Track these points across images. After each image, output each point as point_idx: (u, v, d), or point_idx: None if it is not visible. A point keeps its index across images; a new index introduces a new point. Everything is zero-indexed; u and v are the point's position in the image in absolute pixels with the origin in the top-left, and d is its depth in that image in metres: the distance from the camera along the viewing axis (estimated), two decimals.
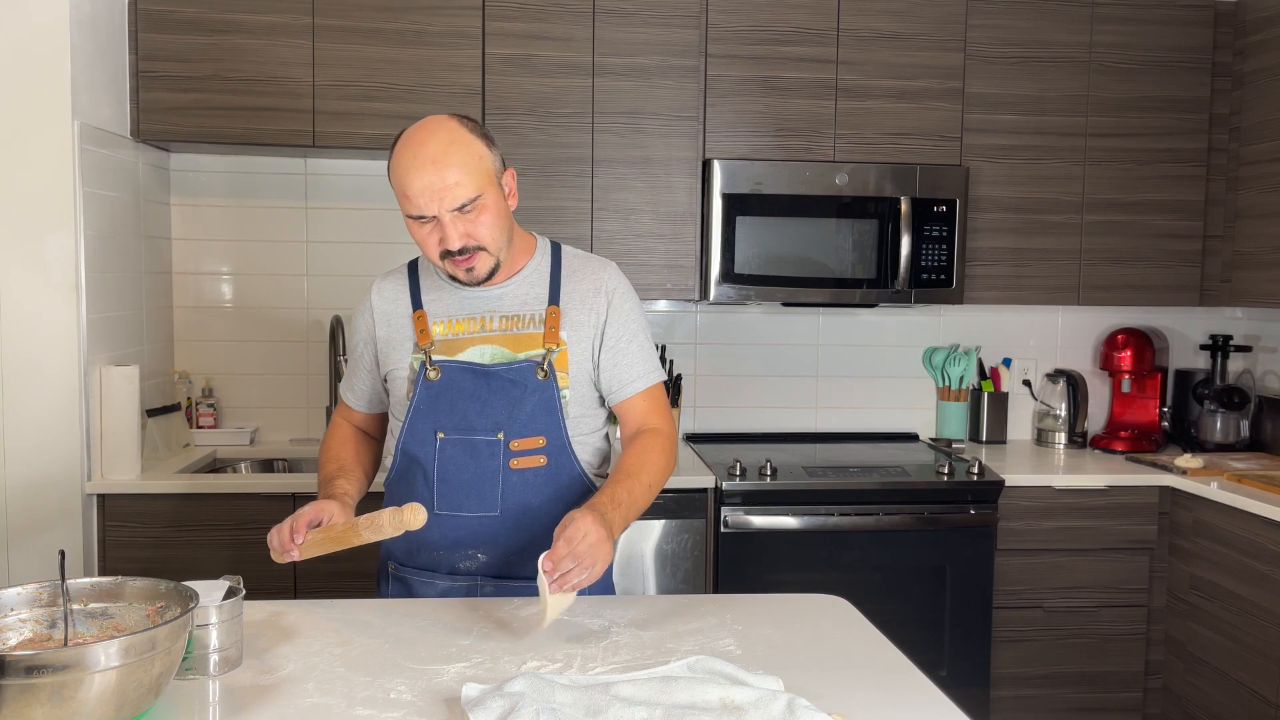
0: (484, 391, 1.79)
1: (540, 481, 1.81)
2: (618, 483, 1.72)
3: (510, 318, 1.82)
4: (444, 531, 1.81)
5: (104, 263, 2.78)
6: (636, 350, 1.85)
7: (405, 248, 3.41)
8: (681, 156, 3.12)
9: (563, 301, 1.83)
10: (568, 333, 1.81)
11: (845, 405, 3.61)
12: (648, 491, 1.76)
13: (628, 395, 1.85)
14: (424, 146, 1.69)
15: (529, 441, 1.79)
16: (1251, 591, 2.81)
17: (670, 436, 1.87)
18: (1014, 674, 3.10)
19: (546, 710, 1.23)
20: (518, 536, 1.80)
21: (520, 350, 1.80)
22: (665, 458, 1.82)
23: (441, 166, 1.67)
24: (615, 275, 1.88)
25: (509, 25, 3.02)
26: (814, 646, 1.59)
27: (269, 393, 3.38)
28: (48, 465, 2.66)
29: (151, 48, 2.90)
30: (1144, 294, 3.36)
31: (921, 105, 3.19)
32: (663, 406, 1.89)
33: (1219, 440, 3.45)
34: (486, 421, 1.79)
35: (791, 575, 2.92)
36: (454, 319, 1.83)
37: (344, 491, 1.81)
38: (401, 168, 1.70)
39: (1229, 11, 3.32)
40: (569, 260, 1.88)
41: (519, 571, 1.79)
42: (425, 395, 1.81)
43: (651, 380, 1.87)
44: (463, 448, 1.79)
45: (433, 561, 1.84)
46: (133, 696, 1.20)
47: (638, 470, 1.76)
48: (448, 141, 1.69)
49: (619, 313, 1.84)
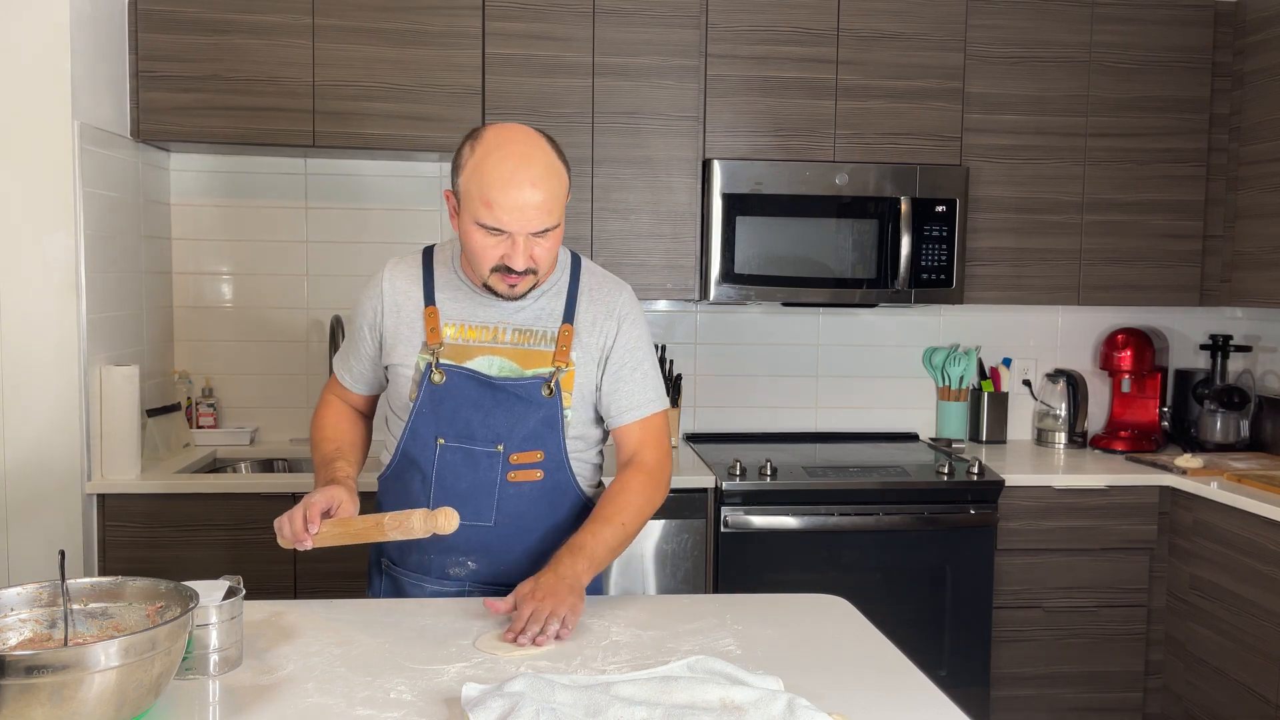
0: (488, 402, 1.78)
1: (536, 495, 1.81)
2: (587, 529, 1.73)
3: (523, 331, 1.80)
4: (437, 538, 1.80)
5: (104, 263, 2.78)
6: (639, 378, 1.85)
7: (405, 248, 3.40)
8: (681, 156, 3.12)
9: (577, 321, 1.81)
10: (577, 353, 1.80)
11: (845, 405, 3.61)
12: (618, 531, 1.76)
13: (625, 423, 1.85)
14: (526, 166, 1.64)
15: (528, 455, 1.79)
16: (1251, 591, 2.81)
17: (657, 472, 1.85)
18: (1014, 674, 3.10)
19: (546, 710, 1.23)
20: (510, 547, 1.81)
21: (529, 366, 1.79)
22: (645, 494, 1.81)
23: (539, 191, 1.64)
24: (629, 301, 1.87)
25: (509, 25, 3.02)
26: (814, 646, 1.59)
27: (269, 393, 3.38)
28: (48, 465, 2.66)
29: (151, 48, 2.90)
30: (1144, 294, 3.36)
31: (921, 105, 3.19)
32: (657, 437, 1.87)
33: (1219, 440, 3.45)
34: (488, 433, 1.78)
35: (791, 575, 2.92)
36: (466, 324, 1.80)
37: (346, 475, 1.79)
38: (494, 176, 1.64)
39: (1229, 11, 3.32)
40: (586, 278, 1.86)
41: (509, 580, 1.77)
42: (428, 399, 1.79)
43: (650, 410, 1.86)
44: (462, 456, 1.79)
45: (424, 565, 1.84)
46: (133, 696, 1.20)
47: (611, 513, 1.76)
48: (547, 166, 1.66)
49: (626, 338, 1.84)
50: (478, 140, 1.68)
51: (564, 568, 1.64)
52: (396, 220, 3.40)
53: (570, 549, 1.69)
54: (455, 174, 1.70)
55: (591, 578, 1.69)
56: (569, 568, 1.65)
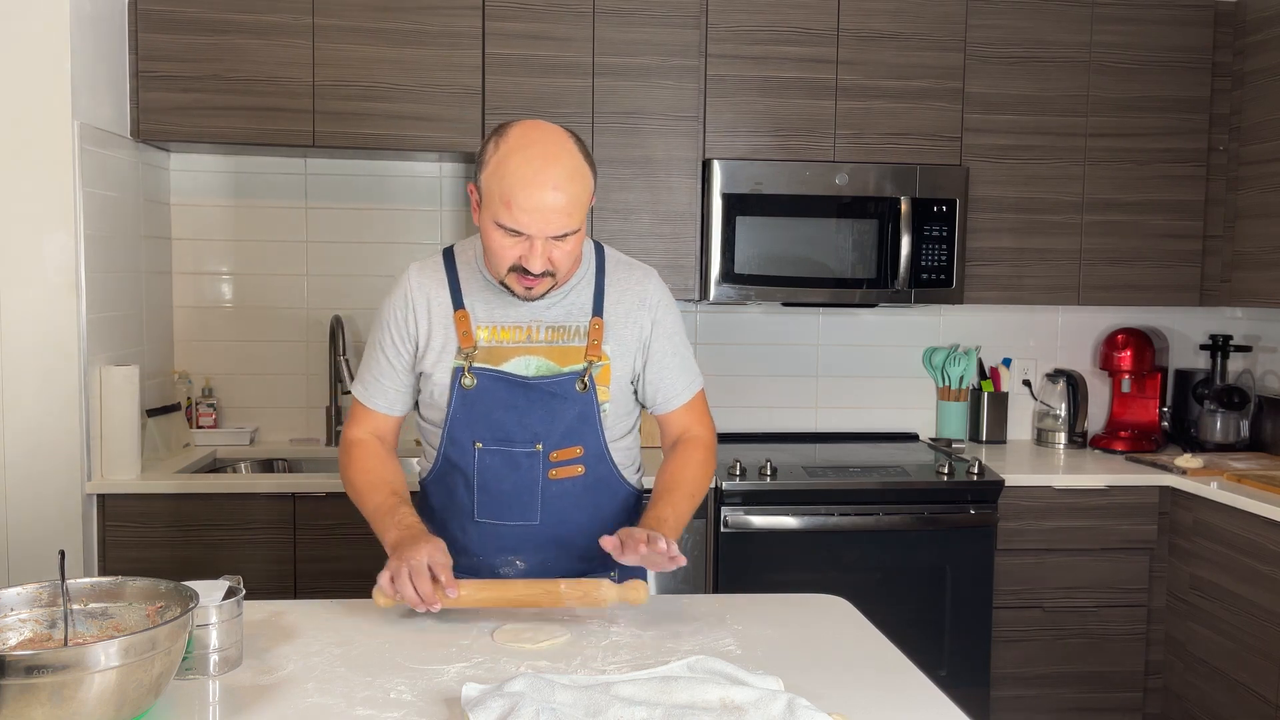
0: (521, 402, 1.77)
1: (579, 490, 1.81)
2: (662, 501, 1.75)
3: (556, 328, 1.78)
4: (484, 539, 1.82)
5: (104, 263, 2.78)
6: (679, 364, 1.86)
7: (405, 248, 3.41)
8: (681, 156, 3.12)
9: (606, 313, 1.80)
10: (611, 346, 1.79)
11: (845, 405, 3.61)
12: (690, 501, 1.79)
13: (672, 409, 1.87)
14: (549, 168, 1.60)
15: (567, 452, 1.79)
16: (1251, 591, 2.81)
17: (710, 441, 1.90)
18: (1014, 674, 3.10)
19: (546, 710, 1.23)
20: (557, 542, 1.82)
21: (565, 363, 1.77)
22: (705, 466, 1.86)
23: (562, 194, 1.60)
24: (658, 287, 1.86)
25: (509, 25, 3.02)
26: (814, 646, 1.59)
27: (269, 393, 3.38)
28: (48, 465, 2.66)
29: (151, 48, 2.90)
30: (1144, 294, 3.36)
31: (921, 105, 3.19)
32: (702, 412, 1.91)
33: (1219, 440, 3.45)
34: (525, 433, 1.77)
35: (791, 575, 2.92)
36: (499, 325, 1.78)
37: (421, 525, 1.71)
38: (516, 177, 1.60)
39: (1229, 11, 3.32)
40: (612, 268, 1.84)
41: (558, 574, 1.77)
42: (460, 404, 1.77)
43: (694, 391, 1.89)
44: (502, 458, 1.78)
45: (471, 566, 1.83)
46: (133, 696, 1.20)
47: (679, 484, 1.80)
48: (572, 170, 1.63)
49: (663, 328, 1.84)
50: (502, 137, 1.65)
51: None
52: (396, 220, 3.40)
53: (657, 519, 1.71)
54: (479, 169, 1.67)
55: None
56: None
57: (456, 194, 3.41)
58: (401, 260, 3.41)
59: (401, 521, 1.71)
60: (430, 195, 3.40)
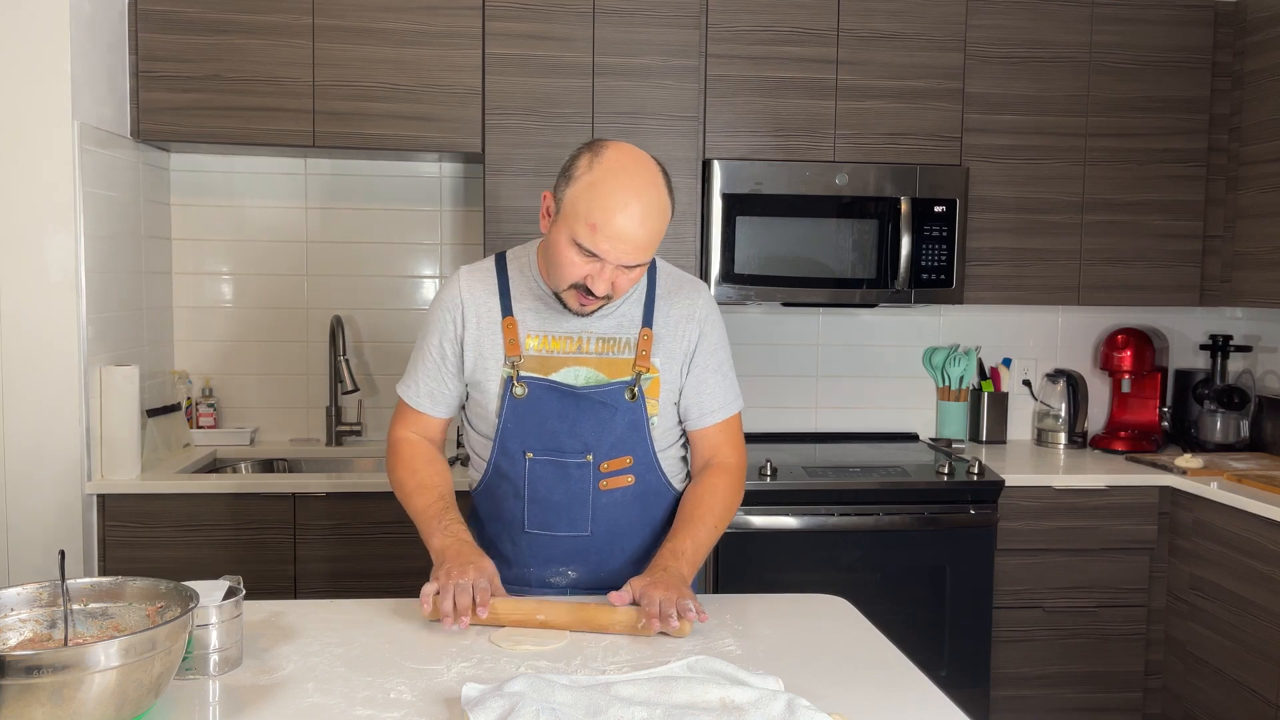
0: (572, 411, 1.77)
1: (629, 500, 1.82)
2: (682, 532, 1.76)
3: (607, 340, 1.78)
4: (535, 550, 1.82)
5: (104, 263, 2.78)
6: (719, 380, 1.85)
7: (405, 248, 3.41)
8: (681, 156, 3.12)
9: (656, 325, 1.80)
10: (660, 359, 1.79)
11: (845, 405, 3.61)
12: (712, 533, 1.79)
13: (705, 425, 1.86)
14: (638, 200, 1.60)
15: (617, 462, 1.79)
16: (1251, 591, 2.81)
17: (738, 471, 1.88)
18: (1014, 674, 3.10)
19: (546, 710, 1.23)
20: (610, 553, 1.83)
21: (615, 375, 1.77)
22: (732, 496, 1.85)
23: (645, 229, 1.60)
24: (708, 302, 1.85)
25: (509, 25, 3.02)
26: (814, 646, 1.59)
27: (269, 393, 3.38)
28: (48, 465, 2.66)
29: (151, 48, 2.90)
30: (1144, 294, 3.36)
31: (921, 105, 3.19)
32: (736, 437, 1.89)
33: (1219, 440, 3.45)
34: (576, 443, 1.77)
35: (791, 575, 2.92)
36: (550, 335, 1.78)
37: (469, 537, 1.73)
38: (607, 202, 1.59)
39: (1229, 11, 3.32)
40: (664, 280, 1.84)
41: (610, 584, 1.76)
42: (512, 413, 1.77)
43: (730, 411, 1.88)
44: (553, 469, 1.78)
45: (523, 577, 1.84)
46: (133, 696, 1.20)
47: (702, 514, 1.79)
48: (660, 206, 1.63)
49: (709, 342, 1.83)
50: (597, 157, 1.63)
51: (671, 570, 1.67)
52: (396, 220, 3.40)
53: (673, 553, 1.72)
54: (564, 181, 1.65)
55: (692, 578, 1.73)
56: (675, 571, 1.67)
57: (456, 194, 3.41)
58: (402, 260, 3.41)
59: (449, 529, 1.73)
60: (430, 195, 3.40)
